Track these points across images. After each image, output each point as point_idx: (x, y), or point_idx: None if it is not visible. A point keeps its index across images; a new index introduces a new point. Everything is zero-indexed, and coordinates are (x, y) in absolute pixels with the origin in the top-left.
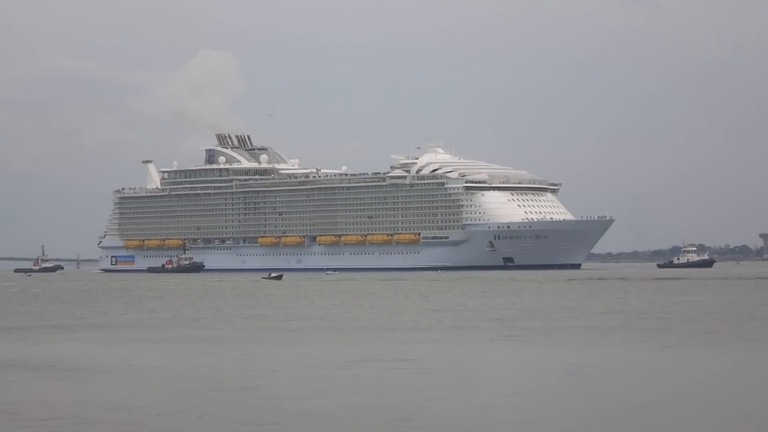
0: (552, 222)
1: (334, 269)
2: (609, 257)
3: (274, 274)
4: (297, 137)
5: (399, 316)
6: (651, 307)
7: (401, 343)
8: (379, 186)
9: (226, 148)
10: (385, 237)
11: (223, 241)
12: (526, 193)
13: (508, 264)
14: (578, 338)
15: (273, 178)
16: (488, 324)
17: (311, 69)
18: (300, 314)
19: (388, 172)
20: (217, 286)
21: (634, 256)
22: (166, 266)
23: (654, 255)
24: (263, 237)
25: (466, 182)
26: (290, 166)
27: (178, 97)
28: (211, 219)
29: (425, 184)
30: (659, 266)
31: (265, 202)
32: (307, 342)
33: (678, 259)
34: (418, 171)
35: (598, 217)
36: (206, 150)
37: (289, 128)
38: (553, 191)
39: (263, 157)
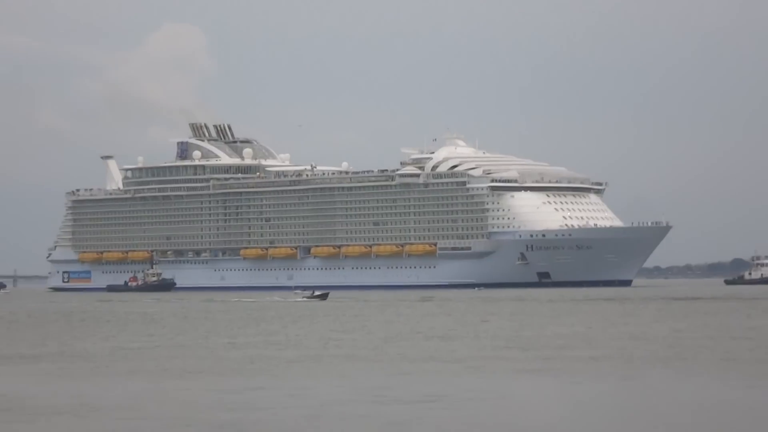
0: (596, 229)
1: (304, 288)
2: (657, 272)
3: (317, 292)
4: (287, 128)
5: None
6: (745, 334)
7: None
8: (386, 186)
9: (202, 140)
10: (395, 248)
11: (198, 253)
12: (564, 194)
13: (543, 280)
14: (660, 376)
15: (258, 177)
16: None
17: (298, 45)
18: (294, 340)
19: (398, 170)
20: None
21: (687, 270)
22: (129, 284)
23: (711, 269)
24: (247, 248)
25: (492, 181)
26: (279, 162)
27: (137, 79)
28: (184, 226)
29: (442, 183)
30: (727, 282)
31: (249, 206)
32: (300, 374)
33: (750, 273)
34: (434, 168)
35: (653, 222)
36: (178, 143)
37: (277, 117)
38: (598, 192)
39: (247, 151)
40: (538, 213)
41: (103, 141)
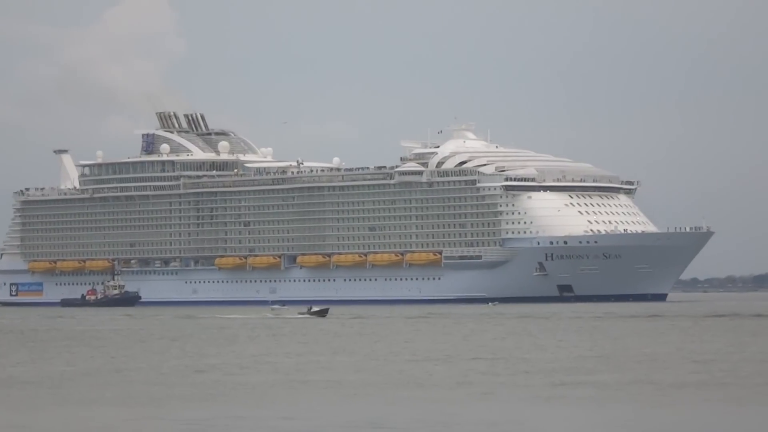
0: (627, 235)
1: (282, 303)
2: (695, 284)
3: (315, 308)
4: (269, 118)
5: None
6: None
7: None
8: (384, 185)
9: (171, 132)
10: (393, 257)
11: (166, 262)
12: (590, 195)
13: (564, 294)
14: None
15: (236, 175)
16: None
17: (282, 23)
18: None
19: (398, 166)
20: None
21: (729, 282)
22: (87, 297)
23: (756, 281)
24: (223, 257)
25: (506, 180)
26: (260, 157)
27: (93, 61)
28: (151, 231)
29: (449, 182)
30: None
31: (225, 208)
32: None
33: None
34: (440, 164)
35: (692, 228)
36: (143, 135)
37: (258, 106)
38: (629, 192)
39: (223, 144)
40: (560, 216)
41: (57, 133)
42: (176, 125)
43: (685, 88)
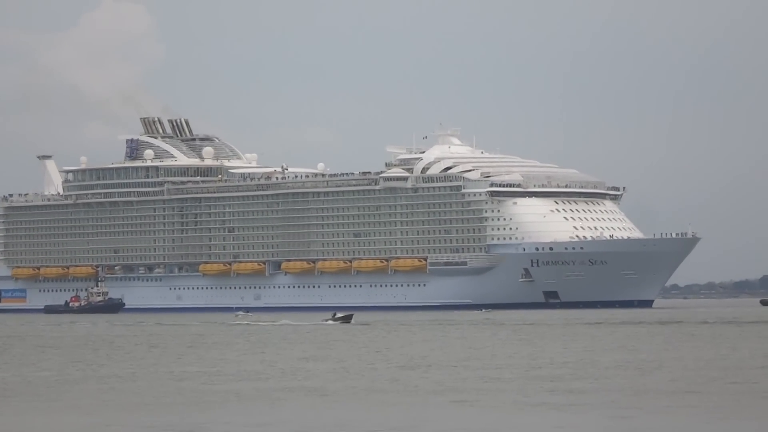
0: (613, 241)
1: (246, 309)
2: (675, 290)
3: (339, 314)
4: (254, 124)
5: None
6: None
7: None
8: (369, 191)
9: (155, 137)
10: (378, 263)
11: (150, 268)
12: (576, 201)
13: (550, 300)
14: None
15: (221, 181)
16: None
17: (265, 27)
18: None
19: (383, 172)
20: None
21: (710, 289)
22: (70, 304)
23: (737, 287)
24: (207, 263)
25: (492, 185)
26: (245, 163)
27: (70, 65)
28: (134, 238)
29: (434, 188)
30: (763, 303)
31: (209, 214)
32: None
33: None
34: (425, 170)
35: (678, 234)
36: (127, 140)
37: (242, 111)
38: (614, 198)
39: (207, 150)
40: (545, 222)
41: (41, 138)
42: (160, 131)
43: (672, 96)
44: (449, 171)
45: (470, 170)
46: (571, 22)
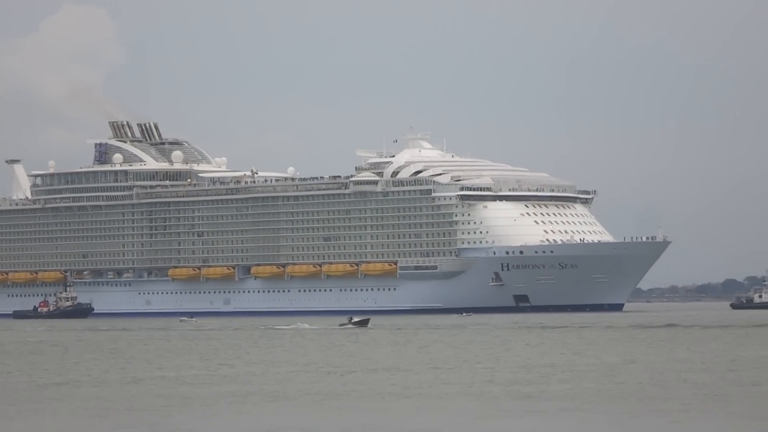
0: (583, 245)
1: (190, 315)
2: (638, 293)
3: (355, 318)
4: (223, 128)
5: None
6: None
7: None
8: (339, 195)
9: (124, 141)
10: (349, 267)
11: (119, 273)
12: (546, 205)
13: (520, 304)
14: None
15: (190, 185)
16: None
17: (231, 29)
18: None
19: (353, 176)
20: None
21: (673, 292)
22: (39, 309)
23: (700, 291)
24: (176, 268)
25: (462, 189)
26: (215, 167)
27: (30, 71)
28: (103, 242)
29: (404, 192)
30: (733, 306)
31: (178, 219)
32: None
33: (761, 296)
34: (395, 174)
35: (648, 238)
36: (96, 145)
37: (210, 115)
38: (585, 202)
39: (176, 154)
40: (516, 226)
41: (8, 143)
42: (129, 135)
43: (644, 101)
44: (419, 175)
45: (440, 174)
46: (543, 24)
